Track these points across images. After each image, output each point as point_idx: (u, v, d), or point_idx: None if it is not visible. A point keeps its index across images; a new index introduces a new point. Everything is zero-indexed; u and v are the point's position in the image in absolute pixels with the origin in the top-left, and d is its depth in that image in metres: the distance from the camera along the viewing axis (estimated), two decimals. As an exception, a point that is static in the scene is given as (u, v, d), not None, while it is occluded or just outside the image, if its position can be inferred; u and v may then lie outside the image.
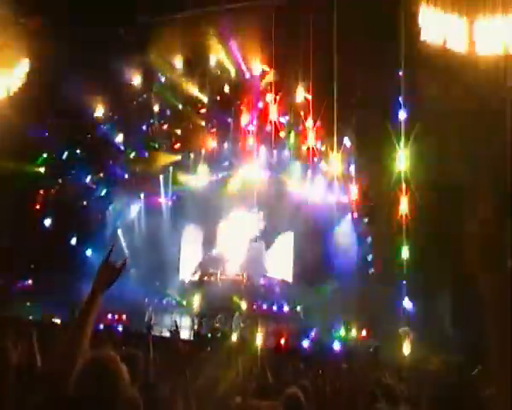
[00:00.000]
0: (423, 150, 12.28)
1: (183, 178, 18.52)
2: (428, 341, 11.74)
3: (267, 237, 18.30)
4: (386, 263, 14.37)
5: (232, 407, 3.51)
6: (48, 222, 16.36)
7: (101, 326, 13.89)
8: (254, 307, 16.89)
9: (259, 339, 13.15)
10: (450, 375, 2.03)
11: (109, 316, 15.34)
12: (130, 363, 4.07)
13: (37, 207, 16.48)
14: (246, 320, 15.86)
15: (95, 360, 2.04)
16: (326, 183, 16.84)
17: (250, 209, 17.93)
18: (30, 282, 15.74)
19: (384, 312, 13.29)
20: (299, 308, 16.59)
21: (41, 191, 16.55)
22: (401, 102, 13.44)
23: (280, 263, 18.26)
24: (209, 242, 18.70)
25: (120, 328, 14.58)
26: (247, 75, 16.89)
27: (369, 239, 16.75)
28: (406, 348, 12.41)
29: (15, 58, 14.23)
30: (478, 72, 9.88)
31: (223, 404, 3.63)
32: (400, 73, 12.96)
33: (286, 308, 16.76)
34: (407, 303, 13.66)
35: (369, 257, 16.88)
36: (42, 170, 16.51)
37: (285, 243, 18.19)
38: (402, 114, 13.63)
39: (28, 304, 14.76)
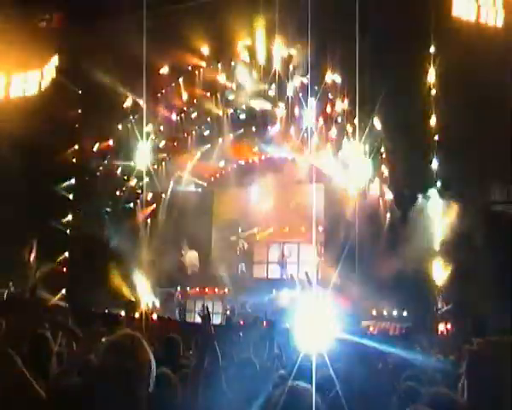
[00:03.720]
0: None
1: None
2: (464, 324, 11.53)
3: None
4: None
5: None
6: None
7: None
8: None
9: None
10: (495, 355, 1.94)
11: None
12: (168, 346, 4.22)
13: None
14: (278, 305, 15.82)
15: (114, 338, 2.06)
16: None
17: None
18: (64, 269, 16.06)
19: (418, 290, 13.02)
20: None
21: (72, 182, 16.77)
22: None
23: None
24: None
25: (155, 316, 14.77)
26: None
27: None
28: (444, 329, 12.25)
29: (45, 54, 14.42)
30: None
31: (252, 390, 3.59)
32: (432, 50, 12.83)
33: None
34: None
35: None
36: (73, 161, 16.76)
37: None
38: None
39: (64, 292, 15.13)
